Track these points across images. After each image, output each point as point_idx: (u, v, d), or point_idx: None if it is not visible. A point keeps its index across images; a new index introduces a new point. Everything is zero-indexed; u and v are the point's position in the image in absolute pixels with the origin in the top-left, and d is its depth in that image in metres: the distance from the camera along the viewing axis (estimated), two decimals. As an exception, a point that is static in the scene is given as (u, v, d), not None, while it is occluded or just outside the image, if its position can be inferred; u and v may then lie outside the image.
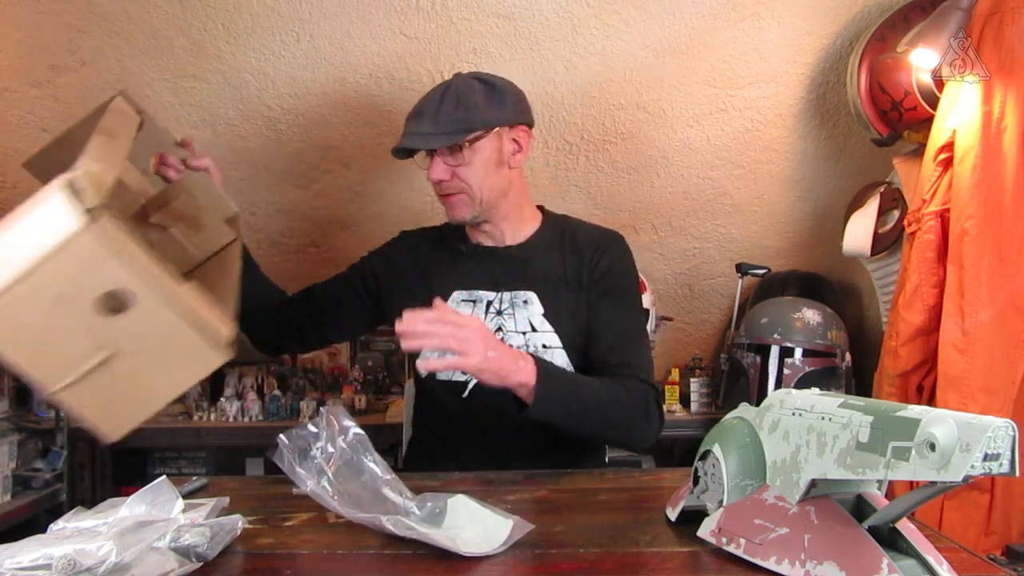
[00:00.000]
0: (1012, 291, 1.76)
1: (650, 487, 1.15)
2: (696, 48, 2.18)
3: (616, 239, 1.57)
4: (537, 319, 1.46)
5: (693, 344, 2.91)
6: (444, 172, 1.43)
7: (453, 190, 1.45)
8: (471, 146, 1.42)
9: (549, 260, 1.51)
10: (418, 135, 1.42)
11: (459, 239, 1.57)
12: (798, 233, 2.67)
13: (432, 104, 1.43)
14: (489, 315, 1.47)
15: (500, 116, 1.45)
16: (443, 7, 2.05)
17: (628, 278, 1.54)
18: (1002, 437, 0.62)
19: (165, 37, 2.08)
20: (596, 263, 1.50)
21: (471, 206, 1.46)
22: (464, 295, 1.50)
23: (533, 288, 1.48)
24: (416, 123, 1.43)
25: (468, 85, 1.44)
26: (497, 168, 1.46)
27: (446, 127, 1.40)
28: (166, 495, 0.87)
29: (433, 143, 1.41)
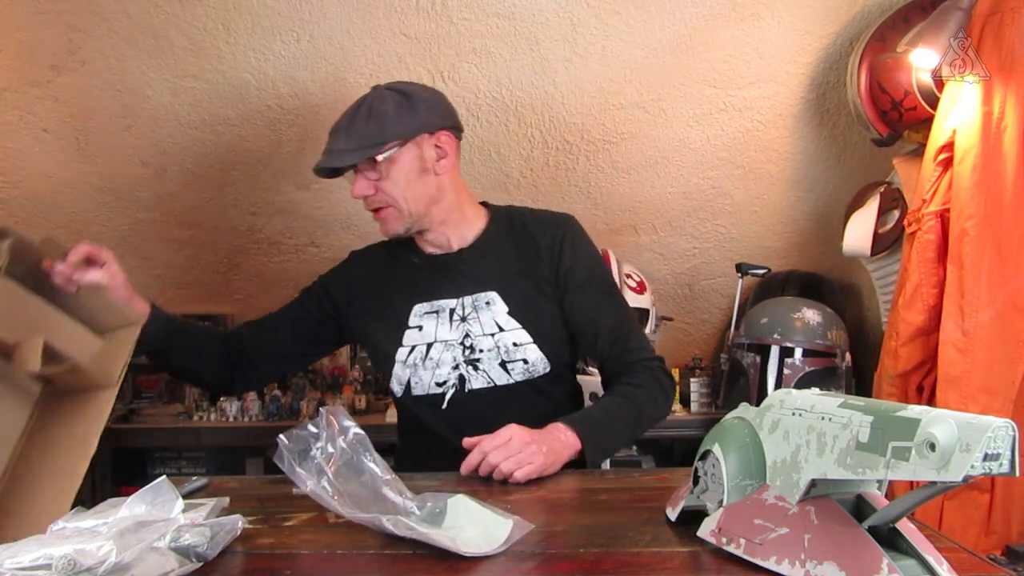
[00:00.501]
0: (1012, 291, 1.76)
1: (650, 487, 1.15)
2: (696, 48, 2.18)
3: (568, 225, 1.55)
4: (503, 318, 1.45)
5: (693, 344, 2.91)
6: (367, 187, 1.42)
7: (379, 204, 1.44)
8: (388, 159, 1.40)
9: (504, 256, 1.50)
10: (333, 152, 1.41)
11: (410, 252, 1.55)
12: (798, 233, 2.67)
13: (346, 120, 1.42)
14: (454, 322, 1.46)
15: (414, 125, 1.41)
16: (443, 7, 2.05)
17: (593, 262, 1.54)
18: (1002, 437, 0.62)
19: (165, 37, 2.08)
20: (559, 259, 1.49)
21: (400, 219, 1.45)
22: (425, 307, 1.49)
23: (493, 287, 1.47)
24: (332, 141, 1.42)
25: (381, 97, 1.42)
26: (421, 177, 1.44)
27: (359, 142, 1.39)
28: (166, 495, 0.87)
29: (347, 160, 1.40)
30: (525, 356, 1.44)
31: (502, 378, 1.44)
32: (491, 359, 1.44)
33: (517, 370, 1.44)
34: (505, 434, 1.21)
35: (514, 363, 1.44)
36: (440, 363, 1.45)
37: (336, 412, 0.99)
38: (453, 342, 1.45)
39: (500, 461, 1.17)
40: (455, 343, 1.45)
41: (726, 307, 2.82)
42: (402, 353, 1.47)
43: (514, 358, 1.44)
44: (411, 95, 1.43)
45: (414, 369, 1.46)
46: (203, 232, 2.57)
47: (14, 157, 2.33)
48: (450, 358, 1.45)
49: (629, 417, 1.39)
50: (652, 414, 1.42)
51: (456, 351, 1.44)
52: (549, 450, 1.21)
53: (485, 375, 1.44)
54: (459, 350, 1.45)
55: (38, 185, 2.40)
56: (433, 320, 1.47)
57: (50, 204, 2.45)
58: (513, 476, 1.16)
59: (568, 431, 1.27)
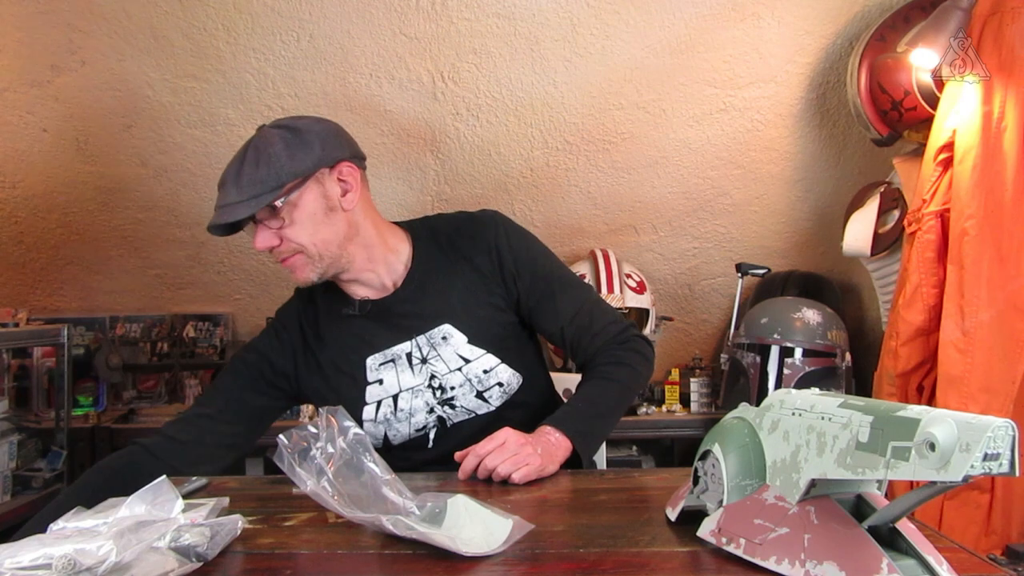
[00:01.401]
0: (1012, 291, 1.76)
1: (650, 487, 1.15)
2: (696, 48, 2.18)
3: (494, 225, 1.43)
4: (464, 349, 1.36)
5: (693, 344, 2.91)
6: (270, 238, 1.27)
7: (287, 253, 1.29)
8: (288, 203, 1.25)
9: (443, 282, 1.39)
10: (224, 208, 1.24)
11: (340, 302, 1.40)
12: (798, 233, 2.68)
13: (232, 170, 1.26)
14: (414, 366, 1.36)
15: (309, 161, 1.27)
16: (443, 7, 2.05)
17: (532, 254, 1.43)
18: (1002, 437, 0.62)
19: (165, 37, 2.08)
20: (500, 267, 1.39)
21: (311, 264, 1.30)
22: (379, 358, 1.37)
23: (445, 320, 1.37)
24: (222, 195, 1.26)
25: (266, 138, 1.27)
26: (328, 216, 1.30)
27: (250, 191, 1.23)
28: (166, 495, 0.87)
29: (241, 212, 1.23)
30: (499, 380, 1.38)
31: (482, 408, 1.38)
32: (466, 393, 1.37)
33: (495, 396, 1.38)
34: (500, 437, 1.19)
35: (490, 390, 1.38)
36: (413, 411, 1.37)
37: (336, 412, 0.99)
38: (420, 387, 1.37)
39: (497, 464, 1.15)
40: (422, 387, 1.37)
41: (726, 307, 2.82)
42: (369, 412, 1.37)
43: (488, 385, 1.37)
44: (300, 130, 1.29)
45: (388, 424, 1.37)
46: (203, 232, 2.56)
47: (14, 157, 2.33)
48: (422, 403, 1.37)
49: (613, 399, 1.35)
50: (635, 386, 1.39)
51: (426, 395, 1.37)
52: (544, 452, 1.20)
53: (464, 410, 1.38)
54: (428, 393, 1.37)
55: (38, 185, 2.40)
56: (392, 369, 1.37)
57: (50, 204, 2.45)
58: (512, 477, 1.14)
59: (556, 432, 1.24)
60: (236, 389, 1.39)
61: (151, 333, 2.77)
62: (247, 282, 2.74)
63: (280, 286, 2.74)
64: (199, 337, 2.78)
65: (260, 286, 2.75)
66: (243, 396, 1.39)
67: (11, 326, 2.33)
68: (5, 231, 2.51)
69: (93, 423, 2.46)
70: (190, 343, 2.77)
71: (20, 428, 2.24)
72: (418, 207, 2.52)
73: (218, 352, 2.77)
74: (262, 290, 2.77)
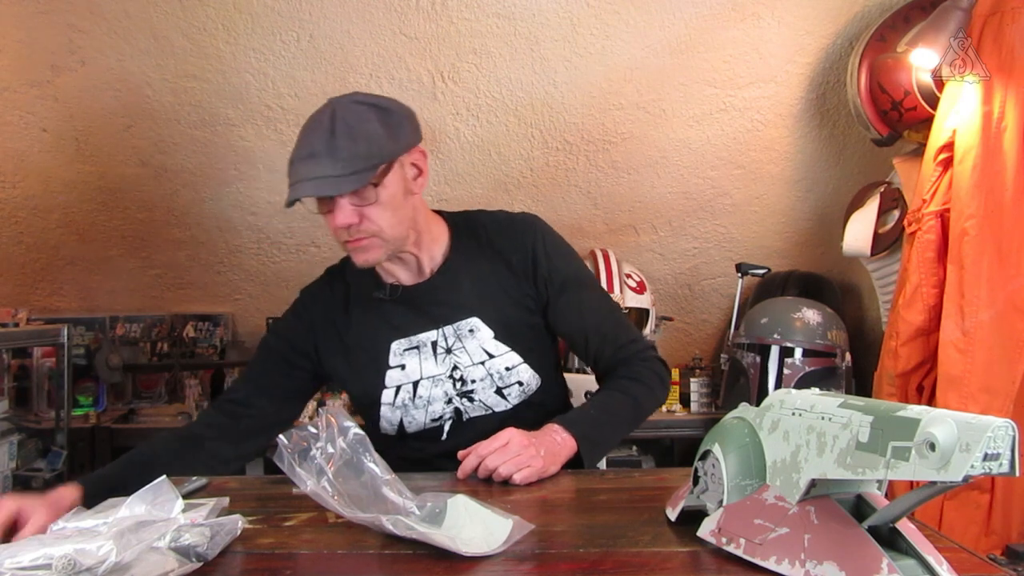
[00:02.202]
0: (1012, 291, 1.76)
1: (650, 487, 1.15)
2: (696, 48, 2.18)
3: (534, 229, 1.43)
4: (490, 344, 1.37)
5: (693, 344, 2.91)
6: (352, 215, 1.24)
7: (363, 234, 1.27)
8: (381, 183, 1.24)
9: (477, 275, 1.39)
10: (321, 180, 1.21)
11: (372, 285, 1.40)
12: (798, 233, 2.68)
13: (322, 142, 1.22)
14: (438, 355, 1.37)
15: (403, 143, 1.27)
16: (443, 7, 2.05)
17: (568, 262, 1.44)
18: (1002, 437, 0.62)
19: (165, 37, 2.08)
20: (534, 270, 1.39)
21: (383, 247, 1.29)
22: (404, 344, 1.38)
23: (474, 313, 1.37)
24: (311, 166, 1.22)
25: (358, 113, 1.24)
26: (405, 199, 1.29)
27: (351, 166, 1.20)
28: (166, 495, 0.87)
29: (344, 187, 1.21)
30: (519, 379, 1.38)
31: (499, 404, 1.38)
32: (486, 387, 1.37)
33: (513, 394, 1.38)
34: (503, 437, 1.18)
35: (509, 388, 1.38)
36: (432, 400, 1.37)
37: (336, 412, 0.99)
38: (441, 376, 1.37)
39: (499, 464, 1.15)
40: (443, 377, 1.37)
41: (726, 307, 2.82)
42: (388, 395, 1.38)
43: (509, 383, 1.38)
44: (389, 109, 1.28)
45: (404, 410, 1.38)
46: (203, 232, 2.57)
47: (14, 157, 2.33)
48: (441, 393, 1.37)
49: (626, 412, 1.36)
50: (649, 405, 1.39)
51: (446, 385, 1.37)
52: (547, 452, 1.19)
53: (482, 404, 1.38)
54: (448, 384, 1.37)
55: (38, 185, 2.40)
56: (415, 356, 1.37)
57: (50, 204, 2.45)
58: (513, 479, 1.14)
59: (563, 432, 1.24)
60: (263, 372, 1.42)
61: (151, 333, 2.77)
62: (247, 282, 2.74)
63: (280, 286, 2.74)
64: (199, 337, 2.78)
65: (260, 286, 2.75)
66: (269, 378, 1.41)
67: (11, 326, 2.33)
68: (5, 231, 2.51)
69: (93, 423, 2.46)
70: (190, 343, 2.77)
71: (20, 428, 2.25)
72: (418, 207, 2.52)
73: (218, 352, 2.77)
74: (262, 290, 2.77)
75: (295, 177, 1.24)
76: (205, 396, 2.66)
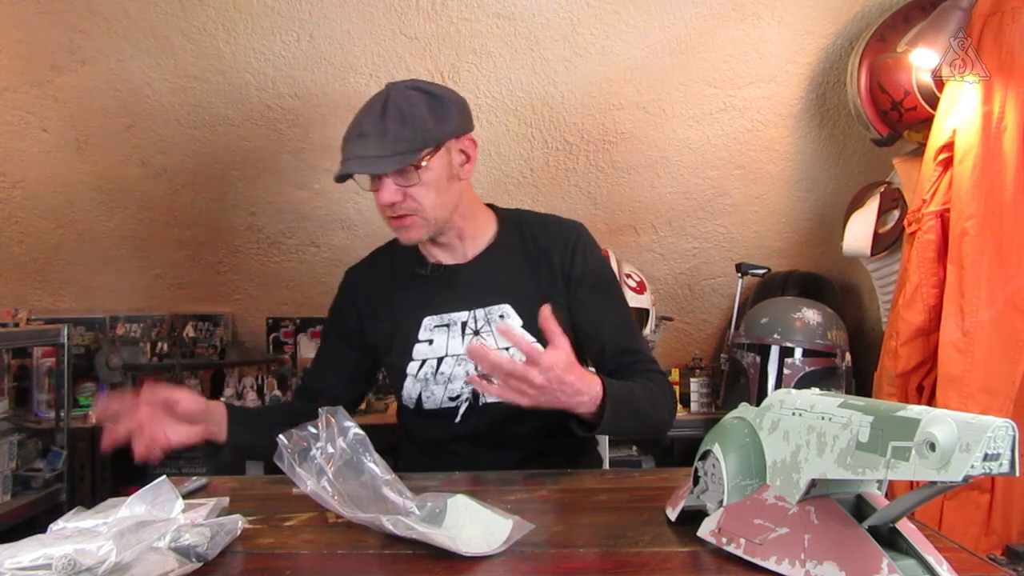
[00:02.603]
0: (1012, 291, 1.76)
1: (650, 487, 1.15)
2: (696, 48, 2.18)
3: (579, 232, 1.50)
4: (517, 332, 1.37)
5: (693, 344, 2.91)
6: (396, 194, 1.32)
7: (406, 211, 1.35)
8: (424, 165, 1.32)
9: (517, 266, 1.45)
10: (366, 159, 1.30)
11: (414, 262, 1.48)
12: (798, 233, 2.68)
13: (373, 123, 1.31)
14: (466, 336, 1.42)
15: (448, 129, 1.34)
16: (443, 7, 2.05)
17: (602, 270, 1.49)
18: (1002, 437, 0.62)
19: (165, 37, 2.08)
20: (570, 264, 1.45)
21: (425, 226, 1.37)
22: (435, 320, 1.43)
23: (506, 300, 1.42)
24: (361, 145, 1.31)
25: (409, 98, 1.32)
26: (449, 183, 1.37)
27: (395, 147, 1.29)
28: (166, 495, 0.87)
29: (387, 166, 1.30)
30: None
31: None
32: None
33: None
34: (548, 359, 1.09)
35: None
36: (452, 378, 1.41)
37: (336, 412, 0.99)
38: (465, 356, 1.41)
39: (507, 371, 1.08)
40: (467, 357, 1.40)
41: (726, 307, 2.82)
42: (413, 367, 1.43)
43: None
44: (440, 97, 1.37)
45: (425, 384, 1.42)
46: (203, 232, 2.57)
47: (14, 157, 2.33)
48: (462, 372, 1.41)
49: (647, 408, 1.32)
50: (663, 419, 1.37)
51: (469, 365, 1.40)
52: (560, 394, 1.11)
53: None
54: (471, 364, 1.40)
55: (38, 185, 2.40)
56: (444, 333, 1.43)
57: (50, 204, 2.45)
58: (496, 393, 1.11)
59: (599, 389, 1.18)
60: (327, 353, 1.54)
61: (151, 333, 2.77)
62: (247, 282, 2.74)
63: (280, 286, 2.74)
64: (199, 337, 2.78)
65: (260, 286, 2.75)
66: (332, 358, 1.53)
67: (11, 326, 2.33)
68: (5, 231, 2.51)
69: (93, 423, 2.46)
70: (190, 343, 2.77)
71: (20, 428, 2.24)
72: (418, 207, 2.52)
73: (218, 352, 2.77)
74: (262, 290, 2.77)
75: (346, 154, 1.34)
76: (205, 396, 2.66)
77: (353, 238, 2.60)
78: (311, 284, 2.75)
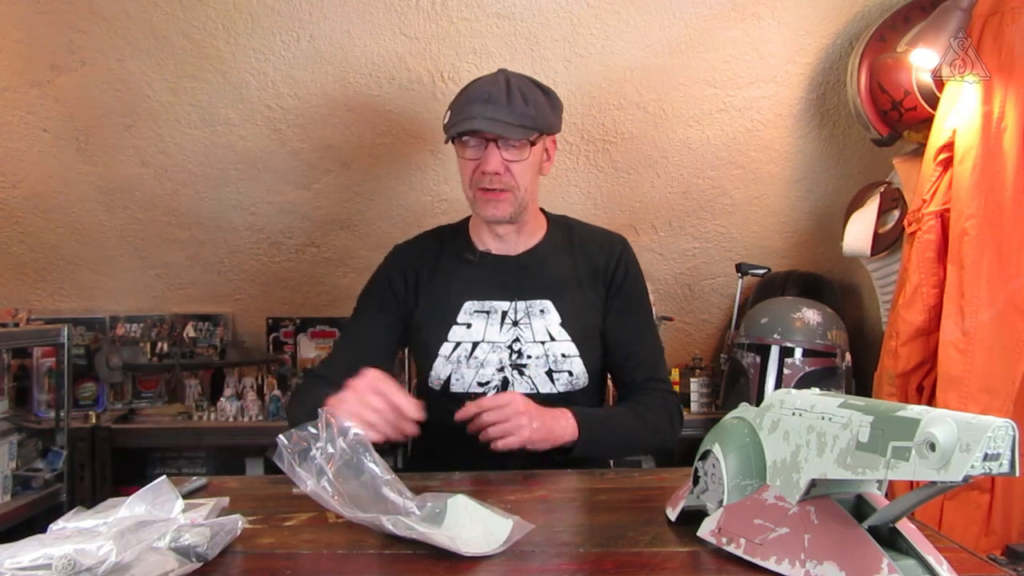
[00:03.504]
0: (1012, 291, 1.76)
1: (650, 487, 1.15)
2: (696, 48, 2.18)
3: (625, 246, 1.57)
4: (555, 328, 1.46)
5: (693, 344, 2.91)
6: (500, 165, 1.39)
7: (500, 186, 1.41)
8: (531, 146, 1.41)
9: (561, 265, 1.51)
10: (496, 121, 1.36)
11: (463, 247, 1.53)
12: (798, 233, 2.67)
13: (500, 93, 1.38)
14: (505, 325, 1.46)
15: (554, 124, 1.46)
16: (443, 7, 2.05)
17: (642, 288, 1.56)
18: (1002, 437, 0.62)
19: (165, 37, 2.08)
20: (614, 272, 1.51)
21: (513, 205, 1.43)
22: (476, 305, 1.47)
23: (548, 296, 1.47)
24: (489, 108, 1.37)
25: (529, 86, 1.43)
26: (535, 174, 1.46)
27: (520, 120, 1.37)
28: (166, 495, 0.87)
29: (513, 133, 1.37)
30: (571, 368, 1.45)
31: (546, 386, 1.44)
32: (538, 366, 1.44)
33: (562, 380, 1.45)
34: (505, 398, 1.24)
35: (560, 373, 1.45)
36: (485, 363, 1.45)
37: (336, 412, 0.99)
38: (501, 344, 1.45)
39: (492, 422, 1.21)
40: (503, 346, 1.45)
41: (726, 307, 2.82)
42: (446, 348, 1.46)
43: (560, 368, 1.45)
44: (551, 93, 1.47)
45: (456, 366, 1.45)
46: (203, 232, 2.57)
47: (14, 157, 2.33)
48: (496, 360, 1.45)
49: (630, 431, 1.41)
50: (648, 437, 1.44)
51: (503, 353, 1.45)
52: (541, 426, 1.24)
53: (530, 381, 1.44)
54: (506, 353, 1.45)
55: (38, 185, 2.40)
56: (483, 320, 1.46)
57: (50, 204, 2.45)
58: (495, 443, 1.20)
59: (571, 419, 1.30)
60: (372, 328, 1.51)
61: (151, 333, 2.76)
62: (247, 282, 2.74)
63: (280, 286, 2.74)
64: (199, 337, 2.78)
65: (260, 286, 2.75)
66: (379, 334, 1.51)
67: (11, 326, 2.33)
68: (5, 231, 2.51)
69: (93, 423, 2.46)
70: (190, 343, 2.77)
71: (20, 428, 2.24)
72: (418, 207, 2.52)
73: (218, 352, 2.77)
74: (262, 290, 2.76)
75: (470, 113, 1.37)
76: (205, 396, 2.65)
77: (353, 238, 2.60)
78: (311, 284, 2.75)
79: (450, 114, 1.42)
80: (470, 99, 1.40)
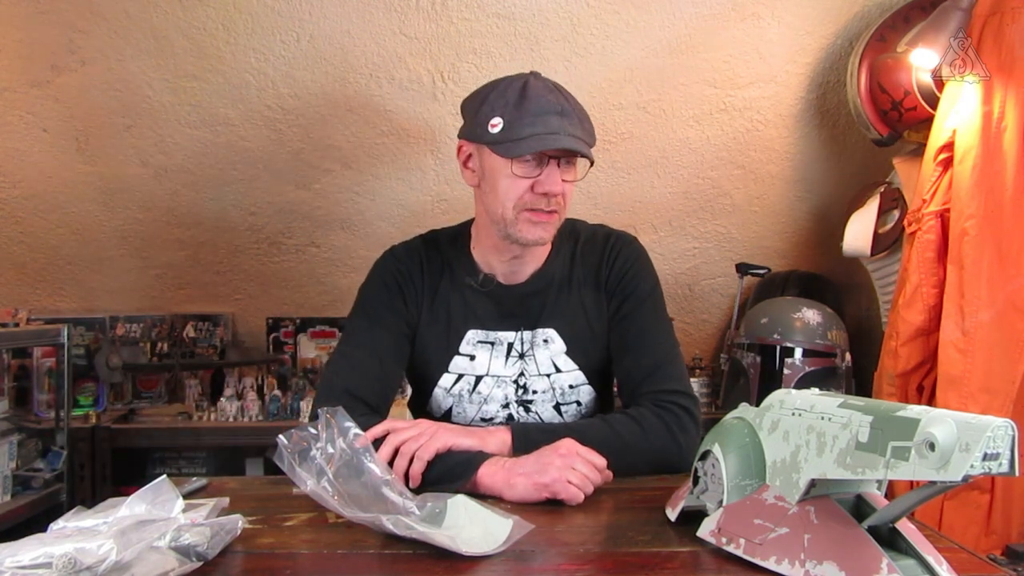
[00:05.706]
0: (1012, 291, 1.76)
1: (650, 487, 1.15)
2: (696, 48, 2.18)
3: (621, 241, 1.43)
4: (561, 359, 1.35)
5: (693, 344, 2.91)
6: (562, 185, 1.25)
7: (556, 207, 1.27)
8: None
9: (565, 287, 1.38)
10: (576, 138, 1.22)
11: (466, 271, 1.38)
12: (798, 233, 2.68)
13: (568, 104, 1.24)
14: (511, 357, 1.35)
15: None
16: (443, 7, 2.05)
17: (650, 291, 1.40)
18: (1002, 437, 0.62)
19: (165, 37, 2.08)
20: (608, 273, 1.38)
21: (556, 227, 1.31)
22: (480, 335, 1.36)
23: (553, 324, 1.36)
24: (565, 123, 1.22)
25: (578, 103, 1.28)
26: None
27: (590, 138, 1.25)
28: (166, 495, 0.87)
29: (584, 149, 1.23)
30: (579, 398, 1.36)
31: (554, 420, 1.35)
32: (545, 401, 1.35)
33: (570, 413, 1.37)
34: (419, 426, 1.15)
35: (568, 405, 1.36)
36: (489, 399, 1.35)
37: (336, 413, 0.99)
38: (506, 379, 1.35)
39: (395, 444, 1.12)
40: (508, 380, 1.35)
41: (726, 307, 2.82)
42: (447, 380, 1.36)
43: (568, 400, 1.36)
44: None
45: (458, 399, 1.36)
46: (203, 232, 2.57)
47: (14, 157, 2.33)
48: (500, 395, 1.35)
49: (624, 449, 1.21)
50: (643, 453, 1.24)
51: (508, 388, 1.35)
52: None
53: (536, 417, 1.35)
54: (511, 388, 1.35)
55: (38, 185, 2.40)
56: (487, 351, 1.35)
57: (50, 204, 2.45)
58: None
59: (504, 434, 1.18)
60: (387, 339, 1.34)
61: (151, 333, 2.76)
62: (247, 282, 2.74)
63: (280, 286, 2.74)
64: (199, 337, 2.78)
65: (260, 286, 2.75)
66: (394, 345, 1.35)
67: (11, 326, 2.33)
68: (5, 231, 2.51)
69: (93, 423, 2.46)
70: (190, 343, 2.77)
71: (20, 428, 2.24)
72: (418, 207, 2.52)
73: (218, 352, 2.77)
74: (262, 290, 2.77)
75: (549, 127, 1.20)
76: (205, 396, 2.65)
77: (353, 238, 2.60)
78: (311, 284, 2.75)
79: (509, 125, 1.22)
80: (543, 110, 1.21)
